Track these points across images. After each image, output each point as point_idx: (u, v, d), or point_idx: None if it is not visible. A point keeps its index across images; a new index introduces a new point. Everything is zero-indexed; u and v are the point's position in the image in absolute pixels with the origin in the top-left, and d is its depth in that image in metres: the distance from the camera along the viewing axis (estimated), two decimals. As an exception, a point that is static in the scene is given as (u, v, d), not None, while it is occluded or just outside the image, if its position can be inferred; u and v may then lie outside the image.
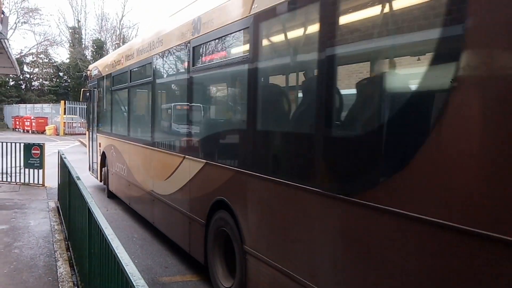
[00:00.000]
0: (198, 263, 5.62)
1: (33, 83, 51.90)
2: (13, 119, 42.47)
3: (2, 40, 9.30)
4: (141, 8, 75.38)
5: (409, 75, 2.87)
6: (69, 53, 52.52)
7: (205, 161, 5.20)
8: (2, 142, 11.70)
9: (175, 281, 5.49)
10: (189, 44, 5.68)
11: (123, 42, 49.28)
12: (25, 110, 43.59)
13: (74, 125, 36.95)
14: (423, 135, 2.43)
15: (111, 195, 10.13)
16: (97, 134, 11.39)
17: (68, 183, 6.36)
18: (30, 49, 50.04)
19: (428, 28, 2.59)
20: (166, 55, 6.72)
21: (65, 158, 7.28)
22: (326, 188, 3.15)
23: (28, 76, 51.27)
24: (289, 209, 3.65)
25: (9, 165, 11.72)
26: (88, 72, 13.05)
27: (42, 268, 5.51)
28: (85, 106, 14.41)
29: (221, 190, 4.81)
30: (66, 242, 6.50)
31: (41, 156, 11.35)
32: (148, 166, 7.37)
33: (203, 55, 5.59)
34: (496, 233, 2.03)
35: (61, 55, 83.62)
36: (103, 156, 10.62)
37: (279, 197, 3.81)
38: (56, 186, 9.33)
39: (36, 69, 51.14)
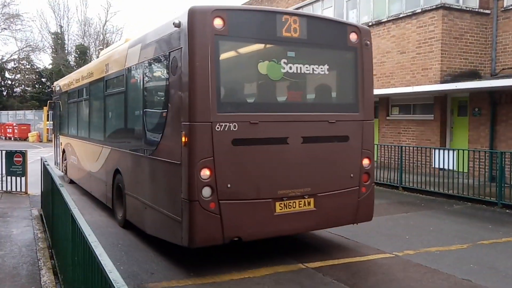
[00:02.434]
0: (185, 269, 5.97)
1: (15, 90, 51.15)
2: (-5, 126, 41.79)
3: (-18, 46, 9.16)
4: (126, 13, 74.90)
5: (158, 105, 6.83)
6: (51, 59, 51.92)
7: (110, 147, 8.87)
8: (-17, 150, 11.49)
9: (161, 287, 5.46)
10: (103, 78, 9.40)
11: (107, 47, 48.88)
12: (7, 117, 42.92)
13: (57, 131, 36.43)
14: (162, 130, 6.25)
15: (71, 181, 13.07)
16: (59, 135, 14.82)
17: (51, 190, 6.29)
18: (11, 55, 49.35)
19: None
20: (95, 83, 10.25)
21: (48, 165, 7.20)
22: (142, 152, 7.07)
23: (10, 82, 50.52)
24: (134, 166, 7.57)
25: (-10, 173, 11.55)
26: (53, 87, 16.60)
27: (25, 277, 5.43)
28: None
29: (117, 163, 8.43)
30: (50, 250, 6.42)
31: (24, 164, 11.20)
32: (87, 154, 10.93)
33: (110, 85, 9.16)
34: (176, 161, 5.75)
35: (44, 61, 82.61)
36: (63, 152, 14.01)
37: (131, 161, 7.68)
38: (40, 193, 9.21)
39: (18, 75, 50.38)
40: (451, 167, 11.50)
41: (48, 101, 16.86)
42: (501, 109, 12.86)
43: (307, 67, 6.22)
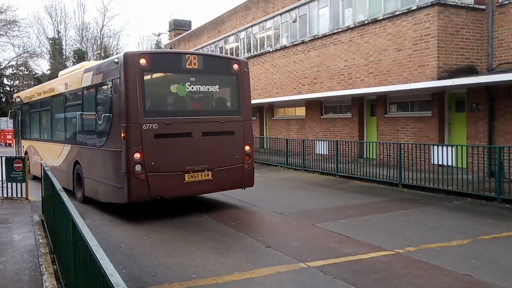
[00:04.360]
0: (187, 270, 5.96)
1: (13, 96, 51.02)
2: (-6, 133, 41.70)
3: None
4: (123, 17, 74.94)
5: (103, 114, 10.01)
6: (49, 64, 51.91)
7: (70, 145, 11.57)
8: (-17, 157, 11.49)
9: (164, 290, 5.47)
10: (63, 93, 12.18)
11: (105, 52, 48.92)
12: (6, 123, 42.83)
13: (57, 136, 36.25)
14: (109, 130, 9.26)
15: (34, 177, 14.99)
16: (21, 139, 17.21)
17: (51, 195, 6.30)
18: (9, 62, 49.33)
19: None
20: (56, 97, 12.87)
21: (48, 170, 7.21)
22: (96, 146, 9.93)
23: (8, 89, 50.44)
24: (90, 156, 10.30)
25: (-9, 180, 11.56)
26: (14, 99, 18.87)
27: (27, 282, 5.44)
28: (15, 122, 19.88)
29: (76, 156, 11.09)
30: (52, 255, 6.43)
31: (24, 170, 11.21)
32: (50, 152, 13.42)
33: (69, 99, 11.94)
34: (118, 149, 8.83)
35: (42, 66, 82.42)
36: (26, 153, 16.28)
37: (88, 153, 10.39)
38: (40, 199, 9.22)
39: (17, 82, 50.34)
40: (450, 163, 11.52)
41: (9, 111, 19.44)
42: (499, 104, 12.88)
43: (204, 87, 9.45)
